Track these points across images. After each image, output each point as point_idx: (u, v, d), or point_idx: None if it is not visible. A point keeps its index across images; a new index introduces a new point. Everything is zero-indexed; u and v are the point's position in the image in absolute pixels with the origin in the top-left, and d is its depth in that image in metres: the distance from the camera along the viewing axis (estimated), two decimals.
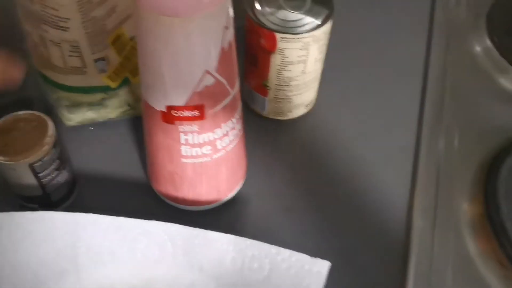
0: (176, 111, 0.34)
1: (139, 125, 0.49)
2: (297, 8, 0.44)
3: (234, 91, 0.36)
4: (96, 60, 0.42)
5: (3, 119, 0.38)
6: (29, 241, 0.34)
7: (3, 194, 0.42)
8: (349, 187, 0.46)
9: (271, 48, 0.44)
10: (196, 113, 0.34)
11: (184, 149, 0.37)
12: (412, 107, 0.53)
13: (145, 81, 0.34)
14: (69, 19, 0.38)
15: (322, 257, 0.33)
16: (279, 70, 0.45)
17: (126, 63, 0.44)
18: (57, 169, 0.39)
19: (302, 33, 0.42)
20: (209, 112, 0.35)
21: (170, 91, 0.33)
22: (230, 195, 0.43)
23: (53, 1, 0.36)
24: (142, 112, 0.38)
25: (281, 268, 0.31)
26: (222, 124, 0.36)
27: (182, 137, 0.36)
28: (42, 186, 0.39)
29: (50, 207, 0.41)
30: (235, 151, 0.40)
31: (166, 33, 0.30)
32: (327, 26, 0.43)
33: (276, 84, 0.47)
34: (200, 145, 0.37)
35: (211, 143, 0.37)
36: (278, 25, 0.43)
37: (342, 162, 0.49)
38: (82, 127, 0.49)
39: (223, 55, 0.32)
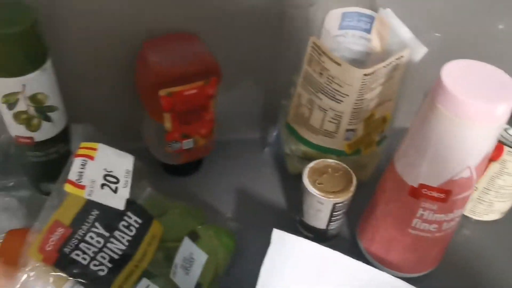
0: (426, 190, 0.41)
1: None
2: None
3: (473, 188, 0.42)
4: (347, 130, 0.51)
5: (315, 161, 0.50)
6: (291, 264, 0.42)
7: (284, 216, 0.54)
8: None
9: (495, 158, 0.50)
10: (442, 195, 0.41)
11: (415, 222, 0.44)
12: None
13: (407, 158, 0.42)
14: (347, 95, 0.48)
15: None
16: (493, 177, 0.51)
17: (366, 137, 0.53)
18: (344, 212, 0.49)
19: None
20: (451, 198, 0.41)
21: (430, 173, 0.40)
22: (428, 270, 0.49)
23: (342, 80, 0.47)
24: (385, 180, 0.46)
25: None
26: (455, 210, 0.43)
27: (420, 212, 0.43)
28: (329, 222, 0.49)
29: (323, 242, 0.48)
30: (449, 235, 0.46)
31: (451, 131, 0.38)
32: None
33: (485, 188, 0.52)
34: (430, 222, 0.43)
35: (439, 223, 0.43)
36: (507, 140, 0.49)
37: None
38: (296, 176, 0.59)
39: (484, 158, 0.39)
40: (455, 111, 0.36)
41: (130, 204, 0.41)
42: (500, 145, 0.49)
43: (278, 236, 0.42)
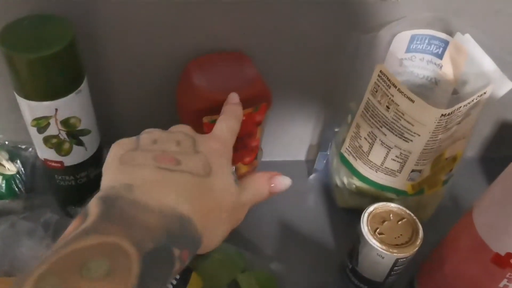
0: None
1: None
2: None
3: None
4: (413, 171, 0.45)
5: (375, 205, 0.43)
6: None
7: (332, 257, 0.50)
8: None
9: None
10: None
11: None
12: None
13: (492, 220, 0.36)
14: (419, 135, 0.41)
15: None
16: None
17: (432, 177, 0.47)
18: (404, 267, 0.43)
19: None
20: None
21: None
22: None
23: (414, 118, 0.41)
24: (457, 235, 0.40)
25: None
26: None
27: (503, 283, 0.37)
28: (387, 277, 0.43)
29: None
30: None
31: None
32: None
33: None
34: None
35: None
36: None
37: None
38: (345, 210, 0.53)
39: None
40: None
41: None
42: None
43: None
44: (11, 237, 0.47)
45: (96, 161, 0.46)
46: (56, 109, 0.39)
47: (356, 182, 0.50)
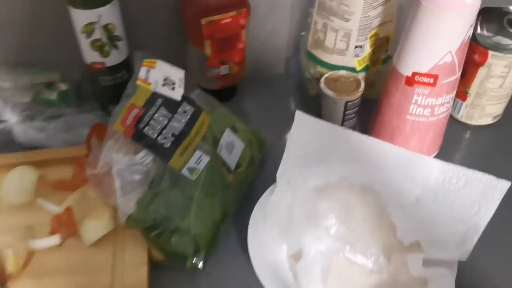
0: (418, 76, 0.52)
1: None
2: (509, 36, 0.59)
3: (458, 74, 0.52)
4: (356, 47, 0.62)
5: (330, 73, 0.62)
6: (309, 140, 0.52)
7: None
8: None
9: (481, 63, 0.59)
10: (431, 80, 0.51)
11: (412, 108, 0.54)
12: None
13: (402, 53, 0.53)
14: (354, 13, 0.58)
15: None
16: (482, 81, 0.61)
17: (372, 55, 0.63)
18: (356, 112, 0.60)
19: (510, 54, 0.58)
20: (439, 82, 0.52)
21: (419, 60, 0.51)
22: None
23: (349, 1, 0.58)
24: (388, 80, 0.56)
25: (474, 182, 0.45)
26: (444, 95, 0.53)
27: (414, 98, 0.53)
28: (343, 121, 0.61)
29: None
30: (442, 121, 0.56)
31: (432, 20, 0.48)
32: None
33: (476, 92, 0.62)
34: (424, 107, 0.54)
35: (432, 107, 0.54)
36: (491, 45, 0.59)
37: None
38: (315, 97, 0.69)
39: (462, 44, 0.50)
40: (434, 2, 0.47)
41: (185, 98, 0.53)
42: (485, 51, 0.59)
43: (300, 117, 0.53)
44: (63, 130, 0.65)
45: (128, 65, 0.64)
46: (100, 16, 0.57)
47: (320, 69, 0.66)
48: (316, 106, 0.66)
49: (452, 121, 0.66)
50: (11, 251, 0.49)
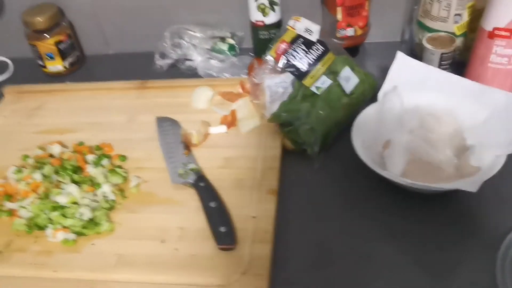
0: (497, 30, 0.67)
1: None
2: None
3: None
4: (455, 14, 0.79)
5: (432, 33, 0.80)
6: (408, 76, 0.71)
7: None
8: None
9: None
10: (507, 33, 0.67)
11: (492, 57, 0.70)
12: None
13: (485, 13, 0.69)
14: None
15: None
16: None
17: (469, 23, 0.80)
18: (449, 64, 0.78)
19: None
20: None
21: (498, 17, 0.67)
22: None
23: None
24: (476, 37, 0.73)
25: None
26: None
27: (494, 48, 0.69)
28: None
29: None
30: None
31: None
32: None
33: None
34: (502, 56, 0.69)
35: (509, 57, 0.69)
36: None
37: None
38: None
39: None
40: None
41: (318, 41, 0.75)
42: None
43: (401, 56, 0.72)
44: (229, 68, 0.92)
45: (279, 25, 0.89)
46: None
47: (425, 35, 0.84)
48: None
49: None
50: (195, 131, 0.77)
